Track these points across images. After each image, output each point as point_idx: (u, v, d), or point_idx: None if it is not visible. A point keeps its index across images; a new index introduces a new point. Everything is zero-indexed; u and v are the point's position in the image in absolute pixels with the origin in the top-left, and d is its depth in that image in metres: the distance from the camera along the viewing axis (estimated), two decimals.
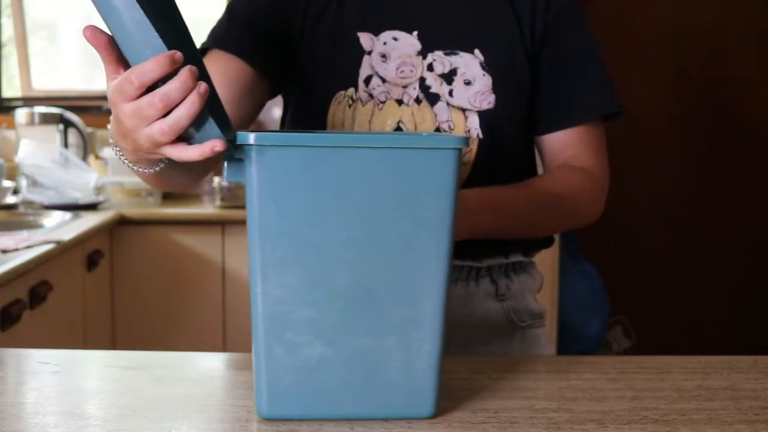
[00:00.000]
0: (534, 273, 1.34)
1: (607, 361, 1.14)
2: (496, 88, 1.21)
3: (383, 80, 1.20)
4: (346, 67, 1.21)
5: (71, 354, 1.19)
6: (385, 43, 1.21)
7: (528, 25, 1.23)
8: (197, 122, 0.82)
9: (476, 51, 1.21)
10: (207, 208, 3.03)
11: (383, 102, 1.20)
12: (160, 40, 0.80)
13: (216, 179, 3.02)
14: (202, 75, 0.95)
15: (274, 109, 3.53)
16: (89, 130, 3.28)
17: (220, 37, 1.22)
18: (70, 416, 0.88)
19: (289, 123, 1.29)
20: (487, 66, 1.21)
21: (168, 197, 3.19)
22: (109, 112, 0.90)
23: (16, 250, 2.03)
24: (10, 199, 2.93)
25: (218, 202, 3.03)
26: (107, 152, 3.14)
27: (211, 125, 0.83)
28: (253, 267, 0.84)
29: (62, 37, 3.78)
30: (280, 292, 0.84)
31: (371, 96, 1.21)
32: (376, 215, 0.84)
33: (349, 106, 1.21)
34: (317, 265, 0.84)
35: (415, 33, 1.21)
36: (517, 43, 1.23)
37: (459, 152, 0.84)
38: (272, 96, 1.29)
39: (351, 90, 1.21)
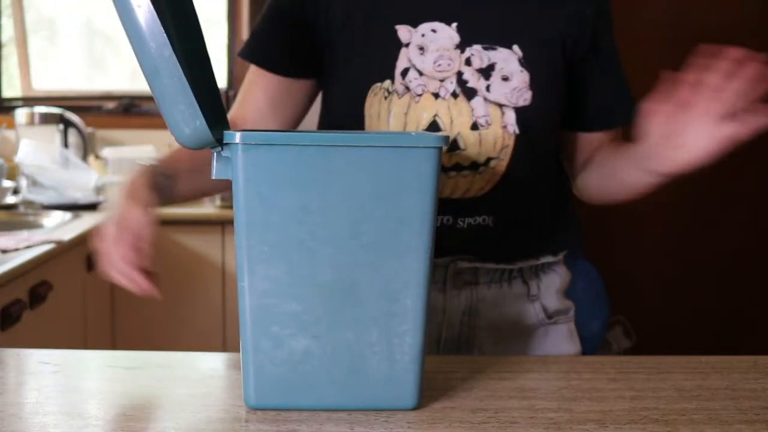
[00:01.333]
0: (561, 271, 1.34)
1: (607, 361, 1.14)
2: (533, 85, 1.21)
3: (420, 73, 1.19)
4: (383, 59, 1.20)
5: (71, 354, 1.19)
6: (423, 35, 1.20)
7: (573, 24, 1.24)
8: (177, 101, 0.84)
9: (515, 47, 1.21)
10: (207, 208, 3.03)
11: (420, 95, 1.19)
12: (166, 36, 0.81)
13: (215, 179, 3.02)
14: (206, 71, 0.96)
15: None
16: (89, 130, 3.28)
17: (250, 50, 1.29)
18: (70, 416, 0.88)
19: (327, 116, 1.30)
20: (525, 62, 1.20)
21: None
22: (109, 113, 0.92)
23: (16, 250, 2.03)
24: (10, 199, 2.93)
25: (218, 202, 3.03)
26: (107, 152, 3.14)
27: (195, 110, 0.84)
28: (239, 262, 0.87)
29: (62, 37, 3.78)
30: (266, 286, 0.86)
31: (408, 89, 1.19)
32: (359, 212, 0.86)
33: (385, 98, 1.20)
34: (301, 260, 0.86)
35: (454, 25, 1.20)
36: (557, 41, 1.23)
37: (439, 151, 0.86)
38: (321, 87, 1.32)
39: (387, 82, 1.20)
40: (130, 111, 3.49)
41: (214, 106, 0.95)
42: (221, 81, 3.50)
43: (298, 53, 1.26)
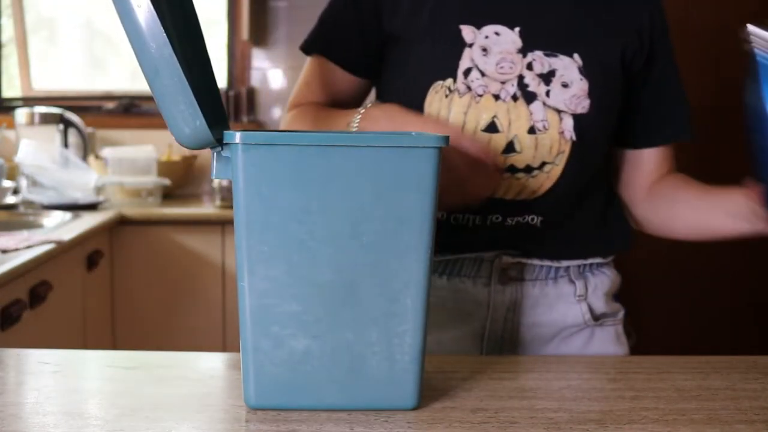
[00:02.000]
0: (610, 274, 1.34)
1: (607, 361, 1.14)
2: (591, 94, 1.21)
3: (482, 74, 1.20)
4: (446, 58, 1.21)
5: (71, 354, 1.19)
6: (486, 37, 1.21)
7: (633, 35, 1.25)
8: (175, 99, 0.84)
9: (575, 55, 1.21)
10: (207, 208, 3.03)
11: (480, 96, 1.20)
12: (166, 36, 0.81)
13: (216, 179, 3.03)
14: (206, 71, 0.97)
15: (274, 110, 3.53)
16: (89, 130, 3.28)
17: (311, 42, 1.31)
18: (70, 416, 0.88)
19: None
20: (585, 71, 1.21)
21: (168, 197, 3.20)
22: (109, 113, 0.92)
23: (16, 250, 2.03)
24: (10, 199, 2.93)
25: (218, 202, 3.03)
26: (107, 152, 3.14)
27: (194, 107, 0.84)
28: (239, 262, 0.86)
29: (62, 37, 3.78)
30: (266, 286, 0.86)
31: (469, 88, 1.20)
32: (359, 212, 0.86)
33: (446, 96, 1.21)
34: (301, 260, 0.86)
35: (517, 30, 1.21)
36: (617, 51, 1.24)
37: (438, 151, 0.86)
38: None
39: (449, 81, 1.21)
40: (130, 111, 3.49)
41: (214, 106, 0.95)
42: (221, 81, 3.50)
43: (365, 50, 1.28)
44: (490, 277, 1.25)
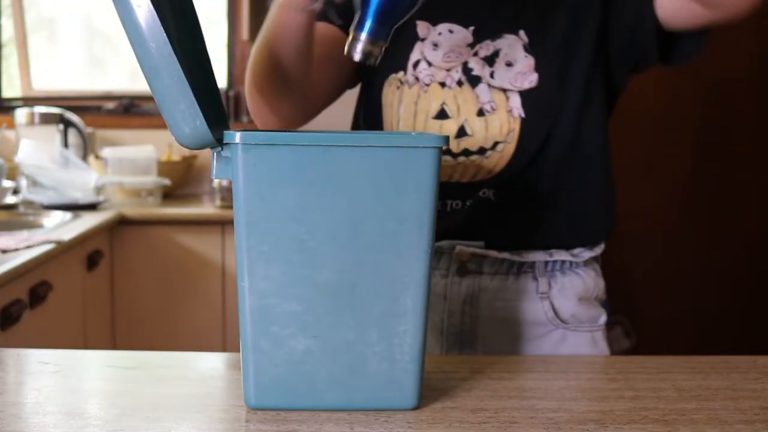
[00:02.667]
0: (585, 276, 1.29)
1: (607, 361, 1.14)
2: (539, 68, 1.22)
3: (429, 64, 1.24)
4: (399, 52, 1.24)
5: (71, 354, 1.19)
6: (440, 34, 1.24)
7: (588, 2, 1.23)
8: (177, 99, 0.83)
9: (521, 32, 1.22)
10: (207, 208, 3.03)
11: (428, 85, 1.24)
12: (166, 36, 0.81)
13: (216, 179, 3.03)
14: (206, 71, 0.97)
15: None
16: (89, 130, 3.28)
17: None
18: (70, 416, 0.88)
19: (358, 106, 1.34)
20: (530, 47, 1.22)
21: (168, 197, 3.20)
22: (109, 113, 0.92)
23: (16, 250, 2.03)
24: (10, 199, 2.93)
25: (218, 202, 3.03)
26: (107, 152, 3.14)
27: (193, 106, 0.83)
28: (239, 262, 0.87)
29: (62, 37, 3.78)
30: (266, 286, 0.86)
31: (417, 79, 1.24)
32: (359, 212, 0.86)
33: (397, 88, 1.25)
34: (302, 260, 0.86)
35: (471, 29, 1.24)
36: (564, 18, 1.22)
37: (439, 151, 0.87)
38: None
39: (401, 73, 1.25)
40: (130, 111, 3.49)
41: (214, 106, 0.96)
42: (221, 81, 3.50)
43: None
44: (449, 269, 1.25)
